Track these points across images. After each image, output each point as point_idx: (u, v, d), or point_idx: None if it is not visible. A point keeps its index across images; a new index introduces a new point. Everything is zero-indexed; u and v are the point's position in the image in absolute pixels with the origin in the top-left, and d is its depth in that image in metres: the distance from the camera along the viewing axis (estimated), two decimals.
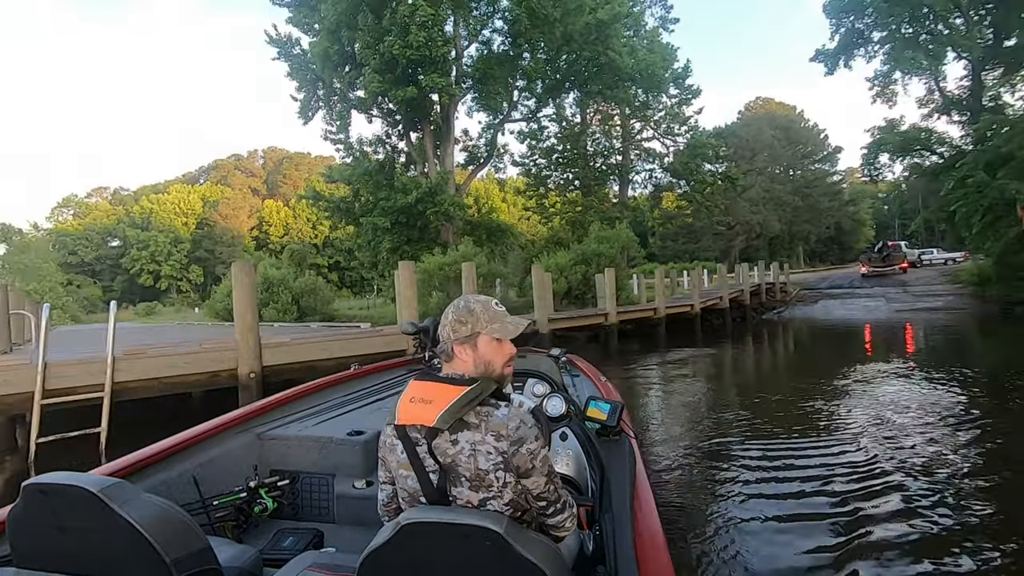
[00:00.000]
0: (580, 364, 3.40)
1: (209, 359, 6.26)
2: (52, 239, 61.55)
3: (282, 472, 2.38)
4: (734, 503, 3.82)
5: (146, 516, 1.12)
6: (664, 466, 4.86)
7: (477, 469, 1.17)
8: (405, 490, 1.25)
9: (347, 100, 23.99)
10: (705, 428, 6.14)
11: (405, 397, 1.24)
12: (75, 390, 5.35)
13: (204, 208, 66.46)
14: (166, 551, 1.10)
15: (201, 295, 57.12)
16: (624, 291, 17.40)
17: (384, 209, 21.82)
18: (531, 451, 1.21)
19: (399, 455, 1.24)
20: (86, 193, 75.82)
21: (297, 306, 17.06)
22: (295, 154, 77.29)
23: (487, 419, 1.19)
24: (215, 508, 2.08)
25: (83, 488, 1.11)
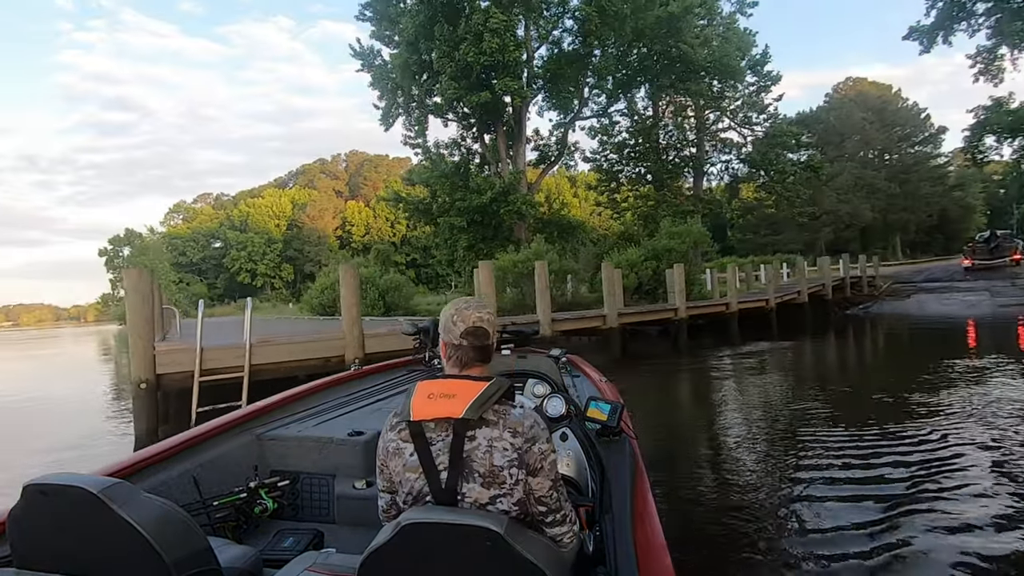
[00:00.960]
0: (580, 364, 3.42)
1: (322, 347, 7.35)
2: (165, 241, 68.47)
3: (282, 472, 2.41)
4: (809, 501, 3.71)
5: (146, 517, 1.13)
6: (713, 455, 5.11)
7: (492, 465, 1.18)
8: (410, 493, 1.24)
9: (425, 106, 25.34)
10: (760, 419, 6.29)
11: (419, 395, 1.23)
12: (222, 370, 6.55)
13: (293, 210, 71.57)
14: (166, 552, 1.11)
15: (292, 292, 61.61)
16: (696, 286, 17.40)
17: (460, 209, 22.96)
18: (542, 451, 1.24)
19: (407, 457, 1.23)
20: (193, 199, 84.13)
21: (383, 301, 18.42)
22: (375, 157, 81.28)
23: (505, 416, 1.22)
24: (215, 508, 2.09)
25: (83, 489, 1.12)
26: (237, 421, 2.53)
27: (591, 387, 2.92)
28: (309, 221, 70.06)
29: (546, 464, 1.24)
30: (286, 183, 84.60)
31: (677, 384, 9.28)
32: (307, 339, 7.62)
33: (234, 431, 2.48)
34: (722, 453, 5.28)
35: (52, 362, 24.13)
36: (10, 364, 23.85)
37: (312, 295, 22.50)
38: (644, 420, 6.82)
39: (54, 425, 8.62)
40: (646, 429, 6.26)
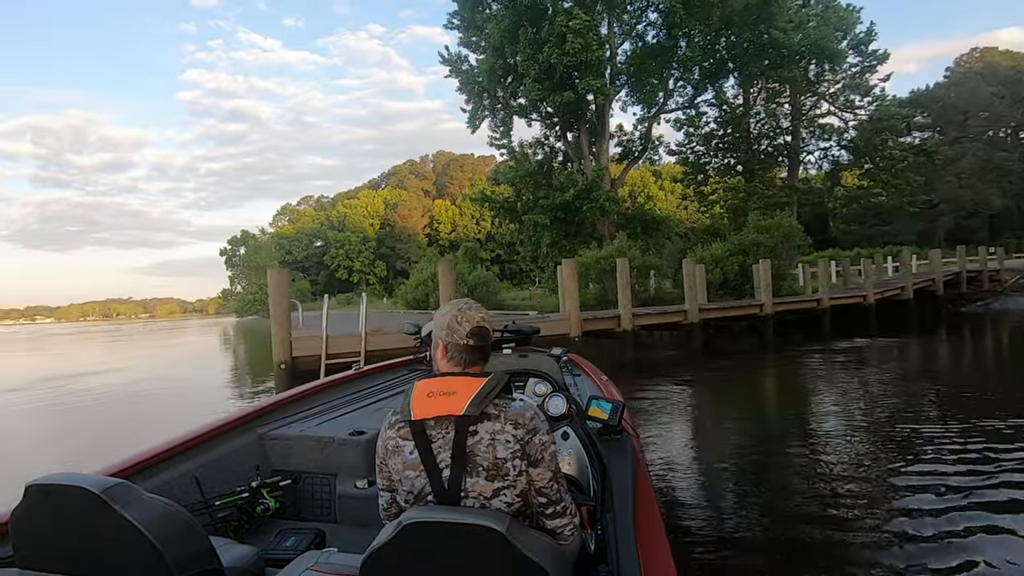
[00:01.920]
0: (581, 363, 3.43)
1: None
2: (274, 241, 74.97)
3: (284, 472, 2.42)
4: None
5: (148, 516, 1.13)
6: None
7: (495, 458, 1.19)
8: (411, 492, 1.24)
9: (509, 108, 26.20)
10: (852, 417, 6.24)
11: (419, 394, 1.23)
12: (343, 355, 7.66)
13: (385, 210, 75.81)
14: (168, 551, 1.11)
15: (384, 287, 65.41)
16: (787, 281, 16.89)
17: (544, 207, 23.62)
18: (543, 442, 1.25)
19: (407, 455, 1.23)
20: (297, 201, 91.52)
21: (471, 296, 19.53)
22: (460, 156, 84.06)
23: (505, 409, 1.23)
24: (217, 508, 2.09)
25: (85, 489, 1.12)
26: (239, 421, 2.55)
27: (592, 386, 2.94)
28: (400, 220, 73.89)
29: (547, 455, 1.25)
30: (379, 184, 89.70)
31: (758, 379, 9.35)
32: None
33: (236, 431, 2.50)
34: (810, 454, 5.00)
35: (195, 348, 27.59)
36: (166, 350, 27.58)
37: (407, 290, 24.16)
38: (717, 415, 7.08)
39: (213, 397, 10.29)
40: (717, 425, 6.52)
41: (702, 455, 5.18)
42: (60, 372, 17.10)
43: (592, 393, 2.40)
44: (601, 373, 3.17)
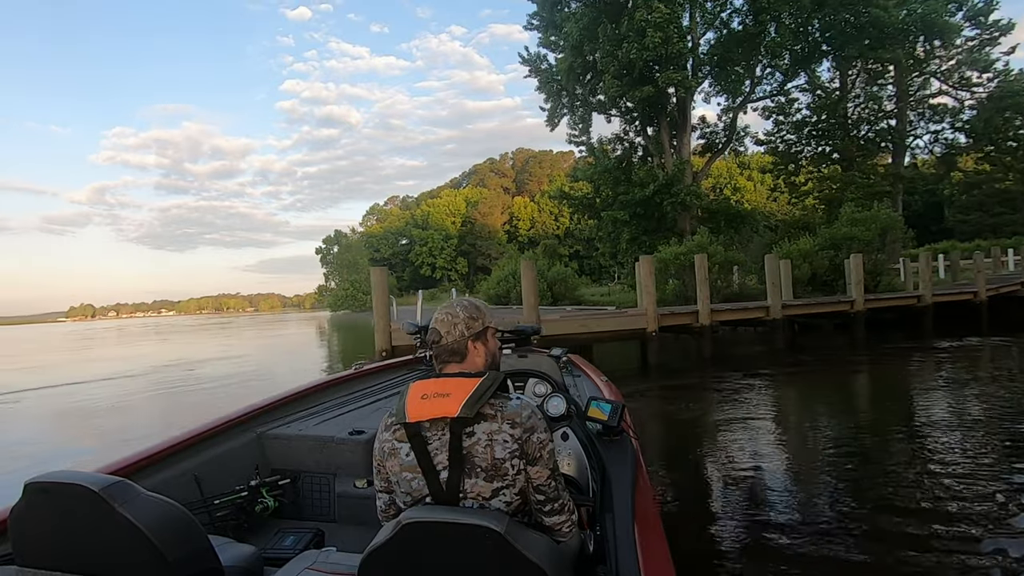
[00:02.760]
0: (581, 364, 3.41)
1: None
2: (364, 240, 79.44)
3: (283, 471, 2.41)
4: None
5: (147, 515, 1.13)
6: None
7: (494, 459, 1.19)
8: (408, 493, 1.24)
9: (588, 105, 26.37)
10: (954, 420, 5.77)
11: (413, 396, 1.23)
12: None
13: (466, 208, 78.07)
14: (167, 550, 1.11)
15: (466, 283, 67.48)
16: (886, 277, 15.95)
17: (623, 203, 23.64)
18: (540, 440, 1.24)
19: (403, 457, 1.23)
20: (384, 202, 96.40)
21: (551, 292, 20.05)
22: (539, 153, 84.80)
23: (502, 409, 1.22)
24: (216, 507, 2.10)
25: (84, 487, 1.12)
26: (238, 420, 2.55)
27: (592, 386, 2.92)
28: (480, 218, 75.83)
29: (544, 453, 1.25)
30: (460, 183, 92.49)
31: (843, 377, 9.08)
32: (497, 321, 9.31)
33: (235, 430, 2.51)
34: (910, 457, 4.60)
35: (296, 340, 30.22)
36: (272, 340, 30.45)
37: (488, 286, 25.13)
38: (790, 412, 7.05)
39: None
40: (787, 422, 6.46)
41: (775, 454, 5.08)
42: (187, 358, 19.57)
43: (592, 394, 2.40)
44: (601, 374, 3.11)
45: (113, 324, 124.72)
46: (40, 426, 8.75)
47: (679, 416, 6.87)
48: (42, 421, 9.26)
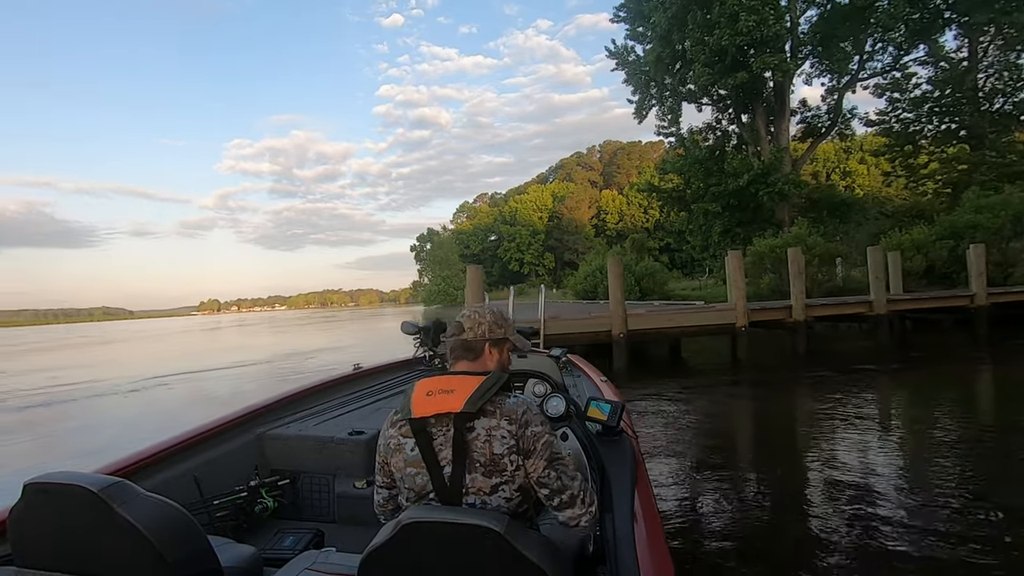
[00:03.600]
0: (581, 364, 3.40)
1: (595, 323, 9.33)
2: (454, 237, 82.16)
3: (283, 472, 2.42)
4: None
5: (147, 516, 1.13)
6: None
7: (492, 454, 1.21)
8: (412, 489, 1.26)
9: (678, 94, 25.77)
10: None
11: (419, 392, 1.26)
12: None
13: (553, 203, 78.31)
14: (167, 551, 1.11)
15: (553, 278, 67.87)
16: (1021, 268, 14.36)
17: (715, 194, 22.96)
18: (534, 433, 1.25)
19: (408, 453, 1.25)
20: (473, 199, 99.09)
21: (639, 287, 20.00)
22: (628, 144, 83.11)
23: (501, 406, 1.24)
24: (216, 507, 2.10)
25: (84, 487, 1.12)
26: (238, 420, 2.56)
27: (591, 387, 2.92)
28: (567, 212, 75.81)
29: (539, 445, 1.25)
30: (547, 178, 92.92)
31: (959, 377, 8.49)
32: (583, 317, 9.72)
33: (235, 430, 2.51)
34: None
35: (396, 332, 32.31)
36: (371, 333, 32.77)
37: (576, 281, 25.43)
38: (898, 414, 6.67)
39: None
40: (889, 423, 6.15)
41: (872, 454, 4.78)
42: (303, 348, 21.72)
43: (591, 394, 2.41)
44: (600, 374, 3.11)
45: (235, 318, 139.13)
46: (203, 407, 10.36)
47: (764, 412, 6.90)
48: (199, 402, 10.92)
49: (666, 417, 6.31)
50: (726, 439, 5.85)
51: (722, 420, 6.56)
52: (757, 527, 3.44)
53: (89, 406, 10.33)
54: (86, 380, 14.54)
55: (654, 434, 5.61)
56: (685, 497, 3.99)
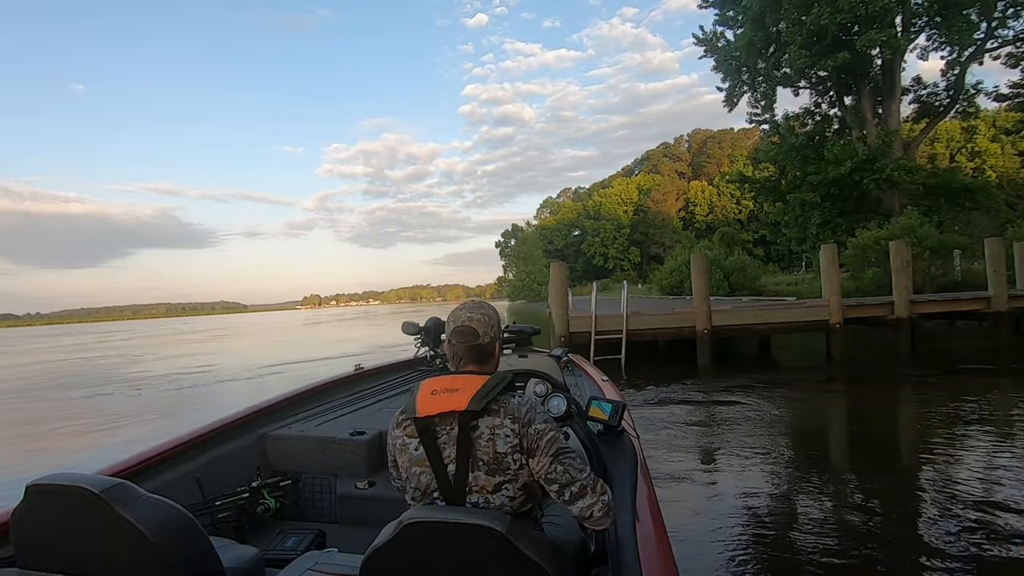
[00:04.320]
0: (582, 364, 3.34)
1: (678, 319, 9.39)
2: (538, 233, 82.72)
3: (284, 472, 2.42)
4: None
5: (148, 517, 1.12)
6: None
7: (495, 453, 1.21)
8: (417, 488, 1.26)
9: (772, 79, 24.49)
10: None
11: (424, 391, 1.26)
12: (608, 332, 9.29)
13: (639, 196, 76.62)
14: (168, 552, 1.11)
15: (638, 273, 66.52)
16: None
17: (813, 183, 21.64)
18: (538, 431, 1.25)
19: (412, 452, 1.26)
20: (556, 194, 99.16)
21: (727, 282, 19.39)
22: (718, 132, 79.44)
23: (505, 405, 1.24)
24: (217, 508, 2.10)
25: (86, 489, 1.12)
26: (239, 421, 2.56)
27: (593, 386, 2.88)
28: (653, 205, 73.90)
29: (542, 443, 1.24)
30: (632, 171, 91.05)
31: None
32: (665, 312, 9.80)
33: (236, 431, 2.52)
34: None
35: None
36: None
37: (661, 276, 25.02)
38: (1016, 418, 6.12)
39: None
40: (1004, 429, 5.70)
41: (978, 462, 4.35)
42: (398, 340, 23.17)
43: (593, 394, 2.40)
44: (601, 373, 3.07)
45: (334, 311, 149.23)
46: None
47: (858, 412, 6.67)
48: None
49: (746, 413, 6.31)
50: (810, 437, 5.72)
51: (808, 418, 6.42)
52: (854, 535, 3.18)
53: (218, 389, 11.87)
54: (211, 365, 16.63)
55: (729, 429, 5.67)
56: (768, 496, 3.85)
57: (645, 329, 9.39)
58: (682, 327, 9.35)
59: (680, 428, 5.77)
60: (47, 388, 14.02)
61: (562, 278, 9.43)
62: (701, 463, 4.74)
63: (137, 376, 15.17)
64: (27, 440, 7.79)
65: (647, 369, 9.42)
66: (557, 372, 2.63)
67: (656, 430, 5.66)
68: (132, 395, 11.41)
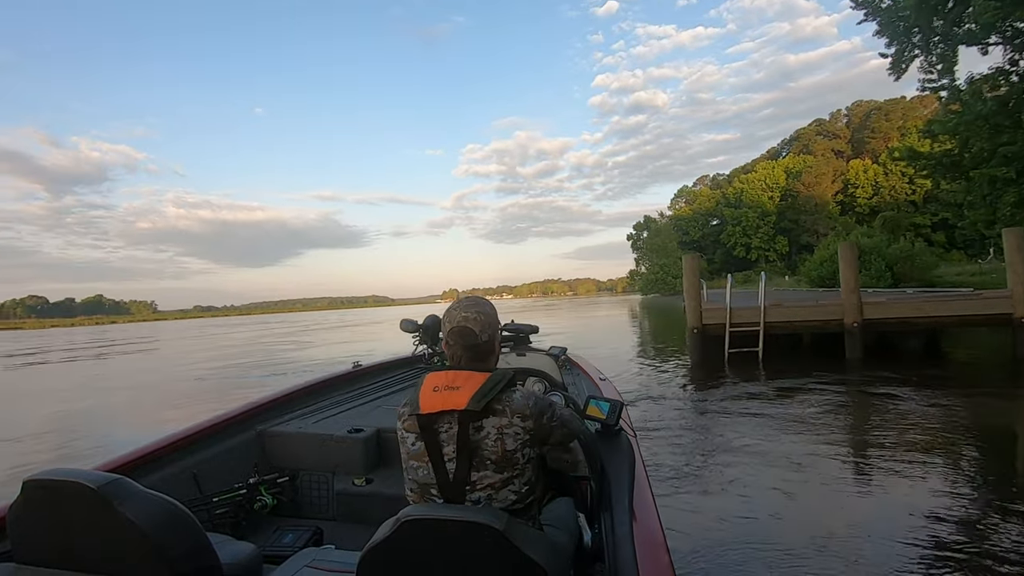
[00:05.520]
0: (579, 363, 3.28)
1: (823, 311, 8.94)
2: (672, 224, 79.60)
3: (282, 469, 2.42)
4: None
5: (146, 513, 1.12)
6: None
7: (504, 451, 1.21)
8: (415, 481, 1.27)
9: (951, 38, 21.26)
10: None
11: (426, 387, 1.26)
12: (744, 324, 9.13)
13: (787, 180, 70.15)
14: (166, 548, 1.10)
15: (786, 264, 61.09)
16: None
17: (1006, 156, 18.49)
18: (549, 418, 1.33)
19: (410, 446, 1.27)
20: (692, 182, 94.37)
21: (891, 272, 17.43)
22: (885, 103, 69.72)
23: (509, 404, 1.25)
24: (215, 505, 2.10)
25: (83, 484, 1.12)
26: (237, 418, 2.55)
27: (590, 385, 2.90)
28: (804, 189, 67.27)
29: (555, 425, 1.36)
30: (779, 152, 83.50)
31: None
32: (810, 304, 9.36)
33: (234, 427, 2.52)
34: None
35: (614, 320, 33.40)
36: (592, 320, 34.47)
37: (810, 267, 23.09)
38: None
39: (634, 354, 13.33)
40: None
41: None
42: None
43: (590, 392, 2.37)
44: (599, 372, 3.07)
45: None
46: None
47: None
48: None
49: (899, 413, 5.88)
50: (988, 448, 4.72)
51: (980, 426, 5.38)
52: None
53: None
54: (365, 352, 18.87)
55: (877, 429, 5.39)
56: (953, 521, 3.19)
57: (786, 322, 9.05)
58: (828, 320, 8.85)
59: (818, 424, 5.61)
60: (245, 367, 16.75)
61: (695, 269, 9.45)
62: (852, 470, 4.25)
63: (309, 357, 17.74)
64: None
65: (788, 363, 9.07)
66: (555, 371, 2.63)
67: (787, 424, 5.59)
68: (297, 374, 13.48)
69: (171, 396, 10.70)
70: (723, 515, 3.41)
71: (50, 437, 7.54)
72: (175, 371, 16.00)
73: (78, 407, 10.00)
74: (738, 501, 3.63)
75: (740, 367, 8.67)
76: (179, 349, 27.54)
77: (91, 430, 7.90)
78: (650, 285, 68.80)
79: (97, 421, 8.71)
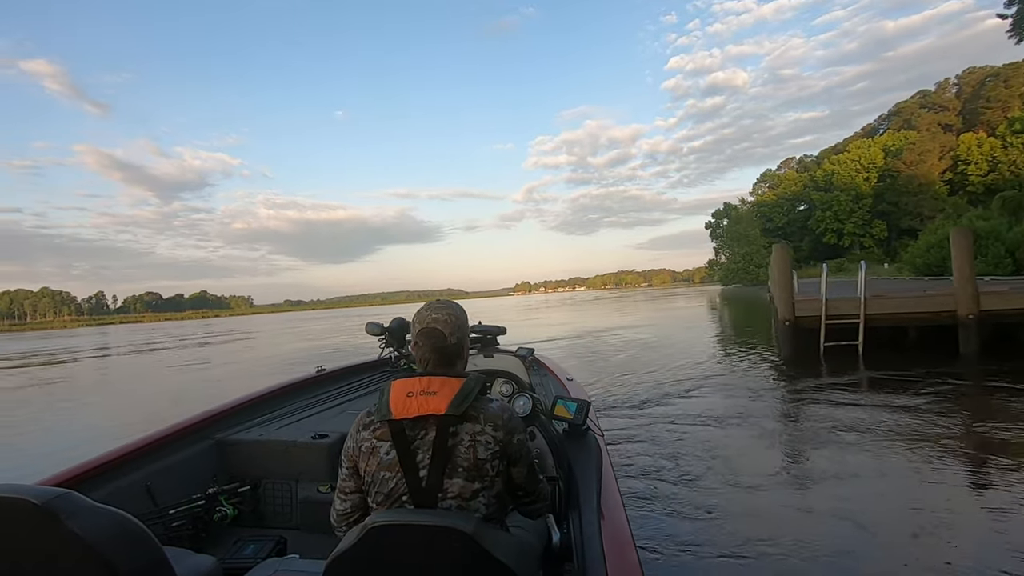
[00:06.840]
0: (546, 363, 3.22)
1: (932, 302, 8.33)
2: (755, 210, 75.60)
3: (243, 478, 2.35)
4: None
5: (95, 527, 1.06)
6: None
7: (476, 459, 1.19)
8: (383, 493, 1.21)
9: None
10: None
11: (397, 393, 1.21)
12: (842, 316, 8.70)
13: (885, 159, 64.66)
14: (119, 564, 1.04)
15: (884, 250, 56.43)
16: None
17: None
18: (520, 441, 1.28)
19: (383, 456, 1.21)
20: (776, 166, 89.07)
21: (1012, 259, 15.78)
22: (1003, 68, 62.33)
23: (484, 411, 1.23)
24: (171, 517, 2.03)
25: (25, 500, 1.04)
26: (194, 426, 2.47)
27: (557, 386, 2.85)
28: (906, 168, 61.66)
29: (524, 452, 1.30)
30: (875, 129, 77.15)
31: None
32: (917, 294, 8.74)
33: (191, 437, 2.44)
34: None
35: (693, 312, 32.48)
36: (669, 312, 33.70)
37: (915, 254, 21.34)
38: None
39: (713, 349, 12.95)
40: None
41: None
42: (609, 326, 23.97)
43: (558, 393, 2.38)
44: (566, 372, 3.05)
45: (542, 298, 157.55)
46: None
47: None
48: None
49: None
50: None
51: None
52: None
53: None
54: None
55: (997, 429, 5.01)
56: None
57: (890, 314, 8.51)
58: (939, 312, 8.23)
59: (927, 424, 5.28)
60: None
61: (786, 259, 9.09)
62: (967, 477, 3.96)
63: None
64: None
65: (892, 357, 8.49)
66: (523, 372, 2.59)
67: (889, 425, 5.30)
68: None
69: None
70: None
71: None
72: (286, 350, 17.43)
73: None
74: None
75: (838, 362, 8.26)
76: (302, 332, 29.77)
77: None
78: (730, 275, 65.85)
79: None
